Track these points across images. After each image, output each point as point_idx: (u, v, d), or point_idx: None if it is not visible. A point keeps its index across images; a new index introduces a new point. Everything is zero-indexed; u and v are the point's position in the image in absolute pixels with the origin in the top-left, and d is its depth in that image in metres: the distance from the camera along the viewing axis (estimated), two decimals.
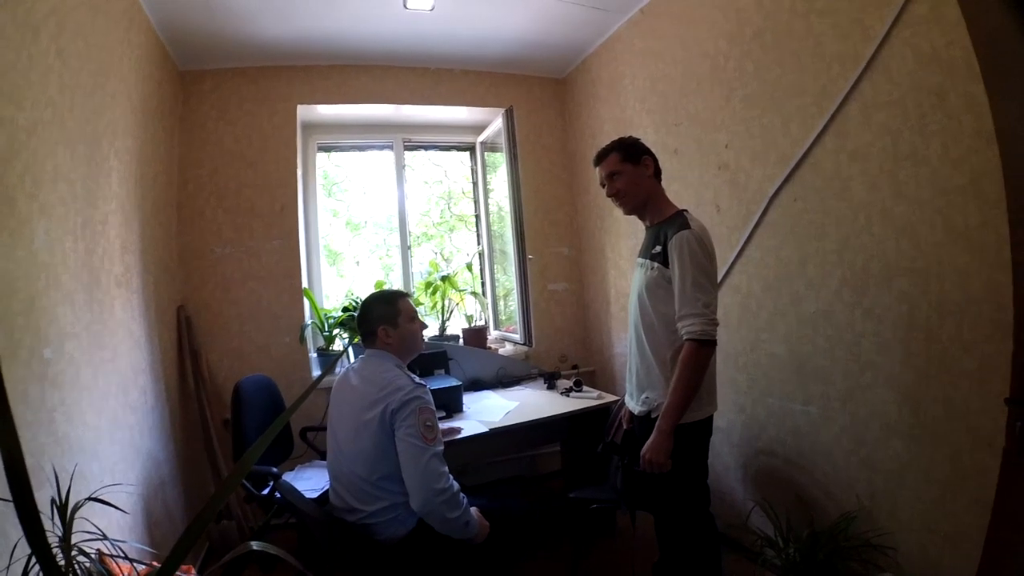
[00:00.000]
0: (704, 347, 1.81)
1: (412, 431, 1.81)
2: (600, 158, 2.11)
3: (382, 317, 2.05)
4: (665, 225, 1.98)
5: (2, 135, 1.48)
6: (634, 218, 2.14)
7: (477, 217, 4.38)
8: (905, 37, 1.81)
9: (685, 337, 1.83)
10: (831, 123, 2.10)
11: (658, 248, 1.94)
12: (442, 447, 1.87)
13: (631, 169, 2.03)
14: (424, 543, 1.89)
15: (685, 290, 1.83)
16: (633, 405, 2.09)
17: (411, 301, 2.15)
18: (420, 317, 2.17)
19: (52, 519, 1.16)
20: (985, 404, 1.64)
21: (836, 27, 2.05)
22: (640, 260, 2.08)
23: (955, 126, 1.68)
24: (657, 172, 2.07)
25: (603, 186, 2.12)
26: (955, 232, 1.71)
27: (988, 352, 1.63)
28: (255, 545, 1.13)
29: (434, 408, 1.92)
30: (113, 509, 1.51)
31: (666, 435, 1.84)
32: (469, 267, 4.31)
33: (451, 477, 1.85)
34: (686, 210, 2.02)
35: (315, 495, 2.54)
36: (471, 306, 4.15)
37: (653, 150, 2.09)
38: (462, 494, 1.87)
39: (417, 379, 1.97)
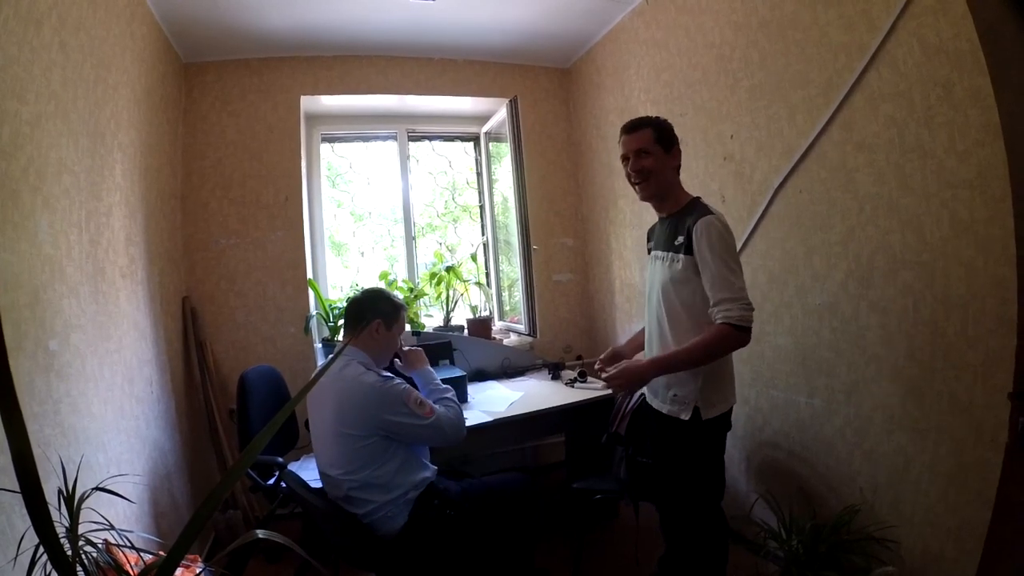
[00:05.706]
0: (739, 333, 1.72)
1: (405, 413, 1.91)
2: (634, 128, 1.94)
3: (385, 313, 2.09)
4: (683, 214, 1.91)
5: (6, 129, 1.48)
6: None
7: (481, 207, 4.37)
8: (911, 28, 1.78)
9: (721, 321, 1.72)
10: (837, 114, 2.08)
11: (680, 239, 1.85)
12: (435, 417, 1.99)
13: (662, 153, 1.91)
14: (421, 535, 1.92)
15: (718, 274, 1.75)
16: (658, 403, 1.98)
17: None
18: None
19: (59, 509, 1.18)
20: (989, 399, 1.63)
21: (842, 17, 2.03)
22: (660, 253, 1.97)
23: (962, 119, 1.66)
24: (678, 167, 1.99)
25: (625, 161, 1.97)
26: (961, 226, 1.70)
27: (992, 347, 1.62)
28: (261, 533, 1.13)
29: (409, 387, 1.99)
30: (120, 499, 1.52)
31: (648, 374, 1.86)
32: (474, 257, 4.30)
33: (437, 409, 2.02)
34: (700, 197, 1.97)
35: (320, 485, 2.56)
36: (476, 297, 4.14)
37: None
38: (448, 398, 2.15)
39: (384, 373, 2.01)
